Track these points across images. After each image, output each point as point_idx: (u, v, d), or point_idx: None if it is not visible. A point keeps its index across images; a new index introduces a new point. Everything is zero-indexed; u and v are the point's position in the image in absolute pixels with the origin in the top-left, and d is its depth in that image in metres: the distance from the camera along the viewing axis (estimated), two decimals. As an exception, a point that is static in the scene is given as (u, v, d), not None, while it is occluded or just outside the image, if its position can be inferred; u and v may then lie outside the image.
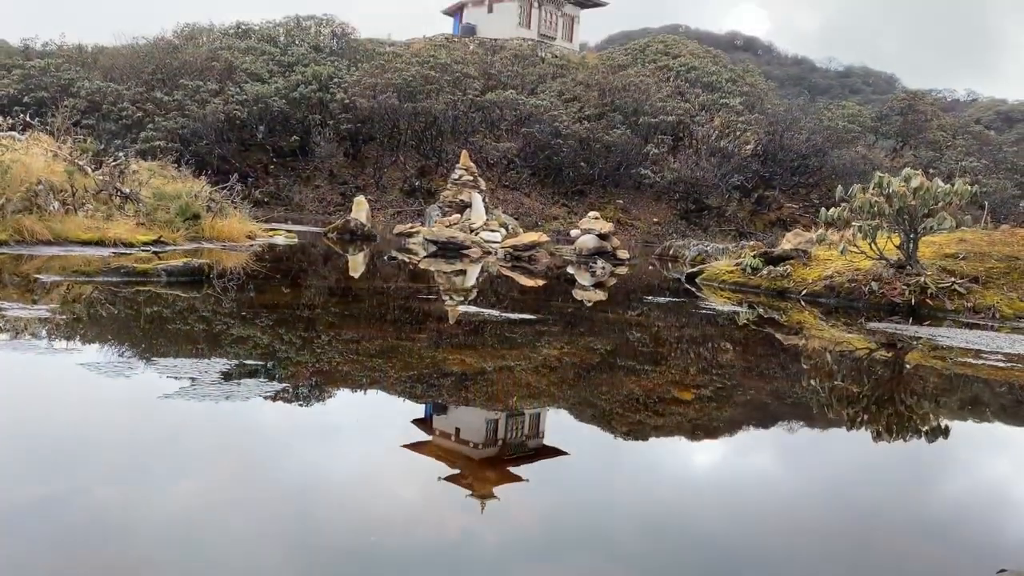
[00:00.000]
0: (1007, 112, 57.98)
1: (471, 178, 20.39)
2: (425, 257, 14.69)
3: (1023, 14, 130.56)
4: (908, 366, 6.39)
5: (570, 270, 14.50)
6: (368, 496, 2.71)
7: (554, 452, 3.41)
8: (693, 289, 11.49)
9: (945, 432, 4.26)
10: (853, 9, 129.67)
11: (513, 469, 3.12)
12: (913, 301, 9.53)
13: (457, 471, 3.02)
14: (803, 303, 10.19)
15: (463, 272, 12.53)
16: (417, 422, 3.71)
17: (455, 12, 57.10)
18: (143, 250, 9.64)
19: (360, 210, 18.90)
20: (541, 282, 11.80)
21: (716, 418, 4.26)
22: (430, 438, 3.49)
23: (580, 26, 57.33)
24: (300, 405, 3.73)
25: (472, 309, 7.59)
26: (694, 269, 13.08)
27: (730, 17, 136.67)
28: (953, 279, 9.75)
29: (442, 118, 35.40)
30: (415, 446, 3.31)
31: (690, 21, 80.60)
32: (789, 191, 37.31)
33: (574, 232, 19.56)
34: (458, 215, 19.63)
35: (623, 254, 17.68)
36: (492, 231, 18.74)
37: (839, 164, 36.02)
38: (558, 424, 3.92)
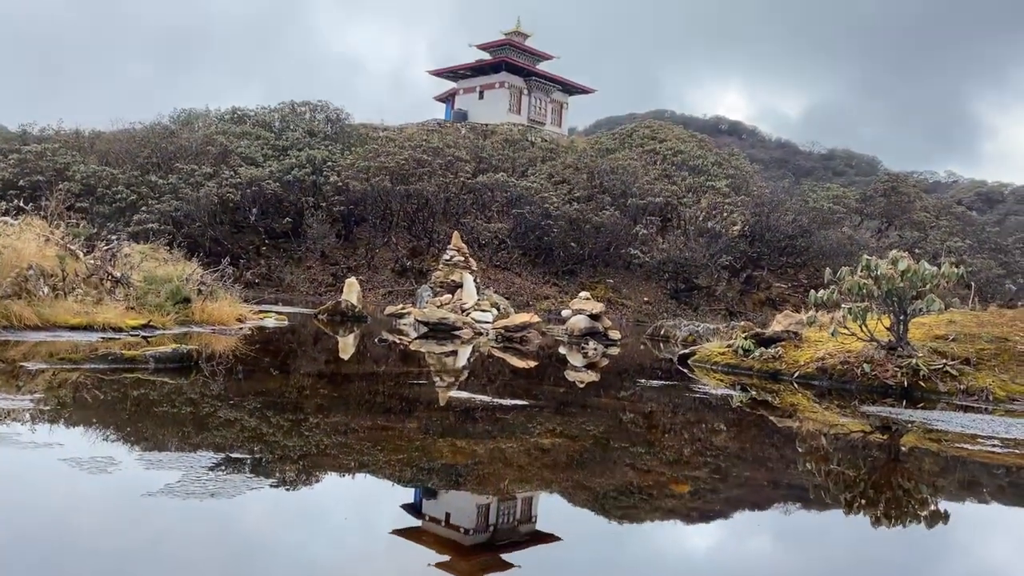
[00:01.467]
0: (987, 193, 59.41)
1: (462, 259, 20.56)
2: (416, 338, 14.65)
3: (999, 97, 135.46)
4: (905, 451, 6.33)
5: (562, 351, 14.47)
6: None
7: (547, 538, 3.35)
8: (686, 371, 11.46)
9: (945, 517, 4.19)
10: (834, 94, 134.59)
11: (505, 556, 3.05)
12: (906, 383, 9.52)
13: (447, 558, 2.95)
14: (796, 385, 10.16)
15: (454, 354, 12.48)
16: (407, 507, 3.66)
17: (447, 98, 58.79)
18: (132, 335, 9.59)
19: (351, 291, 18.95)
20: (533, 363, 11.75)
21: (712, 503, 4.18)
22: (420, 524, 3.43)
23: (569, 111, 59.04)
24: (288, 494, 3.65)
25: (464, 394, 7.53)
26: (686, 350, 13.07)
27: (712, 101, 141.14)
28: (945, 361, 9.77)
29: (434, 200, 35.96)
30: (405, 532, 3.25)
31: (675, 107, 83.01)
32: (777, 271, 37.75)
33: (565, 312, 19.62)
34: (449, 295, 19.70)
35: (615, 334, 17.69)
36: (483, 311, 18.78)
37: (826, 244, 36.59)
38: (551, 509, 3.85)
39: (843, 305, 10.18)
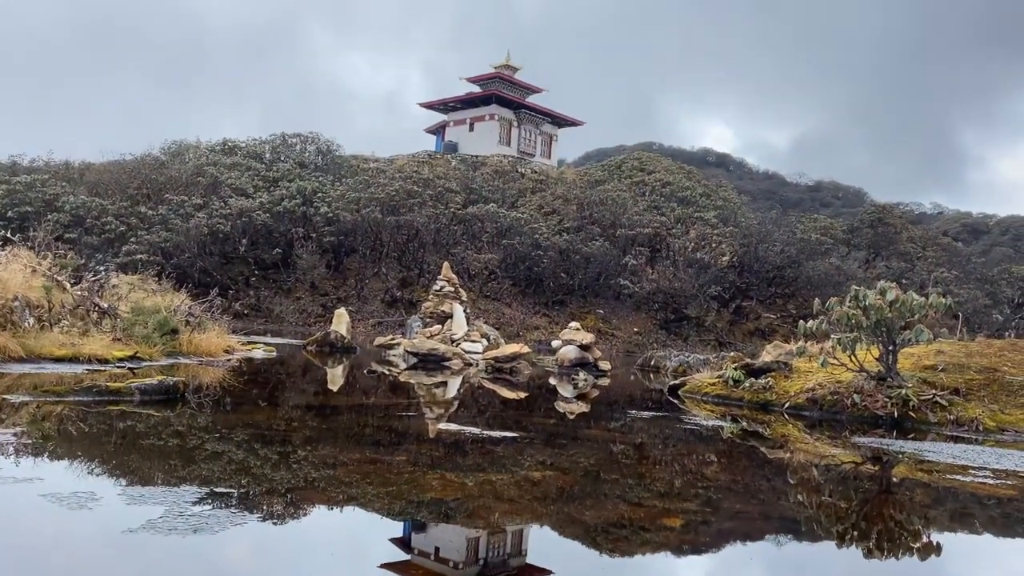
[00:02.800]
0: (972, 224, 60.11)
1: (452, 289, 20.53)
2: (405, 369, 14.57)
3: (985, 128, 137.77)
4: (896, 482, 6.31)
5: (552, 381, 14.42)
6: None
7: (538, 572, 3.31)
8: (676, 402, 11.43)
9: (937, 549, 4.16)
10: (821, 126, 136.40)
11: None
12: (896, 414, 9.51)
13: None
14: (786, 416, 10.14)
15: (444, 385, 12.41)
16: (396, 541, 3.60)
17: (438, 130, 59.22)
18: (118, 366, 9.49)
19: (340, 322, 18.88)
20: (523, 394, 11.69)
21: (703, 535, 4.14)
22: (409, 558, 3.38)
23: (558, 144, 59.55)
24: (274, 529, 3.59)
25: (453, 426, 7.47)
26: (676, 381, 13.05)
27: (700, 133, 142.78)
28: (934, 391, 9.78)
29: (424, 231, 36.02)
30: (393, 566, 3.20)
31: (663, 139, 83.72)
32: (766, 301, 37.89)
33: (555, 343, 19.58)
34: (439, 326, 19.64)
35: (605, 365, 17.65)
36: (473, 342, 18.72)
37: (814, 275, 36.79)
38: (542, 542, 3.80)
39: (832, 335, 10.21)
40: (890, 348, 10.12)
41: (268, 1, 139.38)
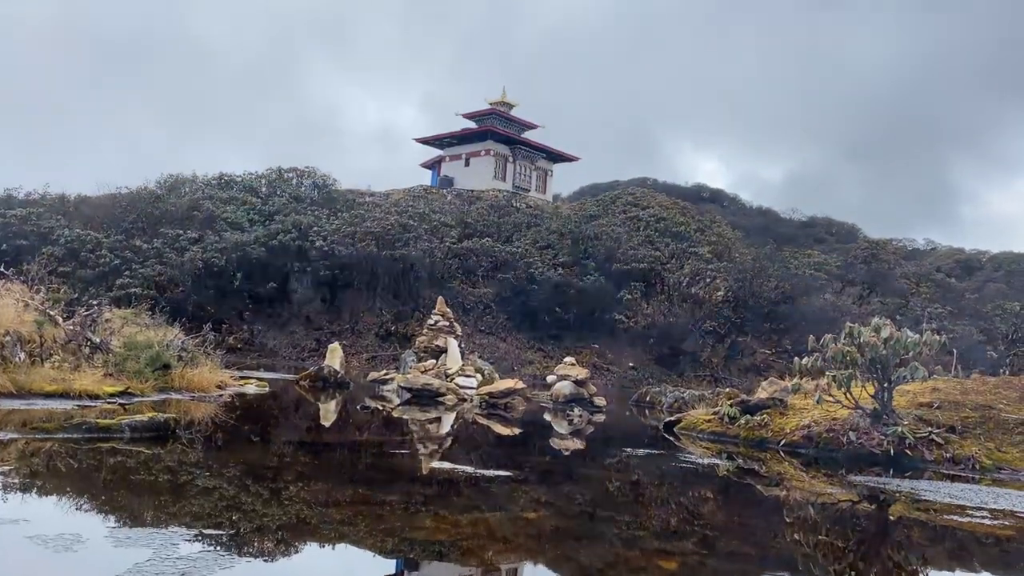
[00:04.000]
0: (965, 260, 60.33)
1: (447, 323, 20.50)
2: (399, 405, 14.48)
3: (978, 164, 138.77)
4: (893, 521, 6.25)
5: (547, 417, 14.35)
6: None
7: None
8: (672, 439, 11.38)
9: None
10: (814, 162, 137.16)
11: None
12: (892, 452, 9.47)
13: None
14: (782, 453, 10.09)
15: (438, 421, 12.32)
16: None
17: (433, 165, 59.60)
18: (109, 402, 9.41)
19: (334, 357, 18.79)
20: (517, 431, 11.62)
21: (701, 575, 4.09)
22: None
23: (553, 179, 59.96)
24: (264, 569, 3.53)
25: (447, 464, 7.41)
26: (672, 418, 13.00)
27: (694, 169, 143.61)
28: (930, 429, 9.75)
29: (419, 265, 36.05)
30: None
31: (658, 174, 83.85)
32: (761, 337, 37.86)
33: (550, 378, 19.50)
34: (434, 360, 19.56)
35: (600, 401, 17.58)
36: (468, 376, 18.63)
37: (808, 311, 36.82)
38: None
39: (827, 372, 10.20)
40: (885, 385, 10.11)
41: (268, 32, 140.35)
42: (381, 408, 13.69)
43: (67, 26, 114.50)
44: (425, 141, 59.77)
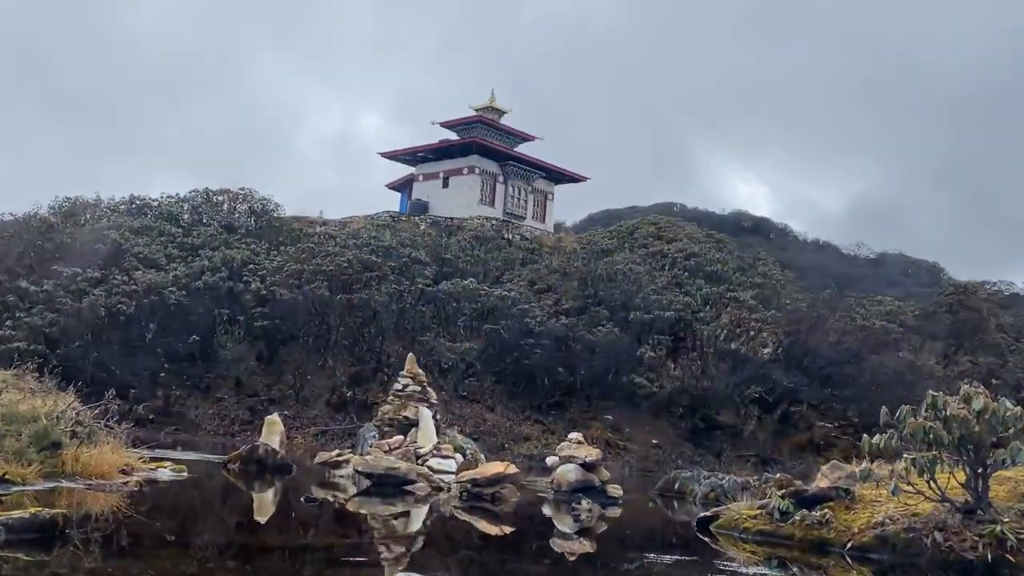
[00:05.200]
0: (1077, 308, 60.83)
1: (419, 388, 20.45)
2: (356, 495, 14.48)
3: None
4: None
5: (547, 511, 14.35)
6: None
7: None
8: (707, 539, 11.37)
9: None
10: (884, 187, 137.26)
11: None
12: (989, 557, 9.42)
13: None
14: (849, 560, 10.07)
15: (405, 516, 12.32)
16: None
17: (403, 186, 60.00)
18: (-21, 492, 9.33)
19: (272, 432, 18.73)
20: (508, 529, 11.61)
21: None
22: None
23: (555, 203, 60.47)
24: None
25: (414, 575, 7.34)
26: (707, 512, 12.98)
27: (732, 192, 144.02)
28: (1037, 526, 9.71)
29: (384, 312, 36.07)
30: None
31: (686, 199, 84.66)
32: (820, 406, 37.85)
33: (551, 460, 19.44)
34: (401, 437, 19.46)
35: (615, 490, 17.51)
36: (445, 458, 18.56)
37: (880, 373, 36.87)
38: None
39: (905, 454, 10.19)
40: (979, 471, 10.09)
41: (200, 19, 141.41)
42: (332, 499, 13.66)
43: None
44: (393, 156, 60.32)
